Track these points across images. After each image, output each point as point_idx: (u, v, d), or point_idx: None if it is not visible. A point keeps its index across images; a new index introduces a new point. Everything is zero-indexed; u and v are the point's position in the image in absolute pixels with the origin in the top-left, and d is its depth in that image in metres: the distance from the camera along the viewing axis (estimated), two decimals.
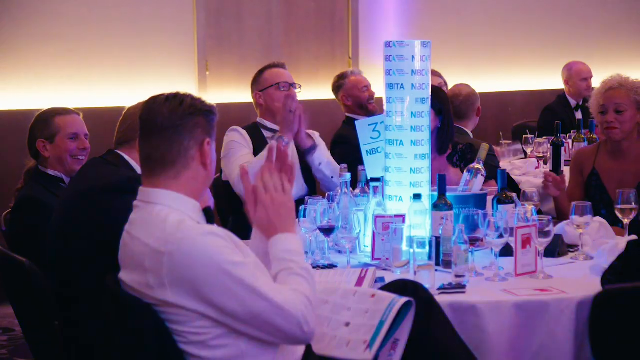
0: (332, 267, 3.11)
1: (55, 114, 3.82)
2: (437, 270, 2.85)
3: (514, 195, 3.28)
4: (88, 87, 6.37)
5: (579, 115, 6.83)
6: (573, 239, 3.29)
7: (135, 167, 3.18)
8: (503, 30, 8.13)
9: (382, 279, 2.86)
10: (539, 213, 3.15)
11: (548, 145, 5.35)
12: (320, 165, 4.24)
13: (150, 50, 6.58)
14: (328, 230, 3.11)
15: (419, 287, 2.60)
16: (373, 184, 3.28)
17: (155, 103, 2.34)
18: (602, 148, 4.02)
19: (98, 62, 6.40)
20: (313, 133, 4.38)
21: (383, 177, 3.35)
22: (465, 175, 3.45)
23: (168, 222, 2.23)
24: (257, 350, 2.24)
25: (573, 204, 3.23)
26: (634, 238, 3.02)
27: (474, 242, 2.93)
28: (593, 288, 2.67)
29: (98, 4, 6.40)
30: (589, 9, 8.52)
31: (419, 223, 3.09)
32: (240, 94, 6.67)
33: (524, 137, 5.97)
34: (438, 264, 2.97)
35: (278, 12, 7.09)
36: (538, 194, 3.48)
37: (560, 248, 3.22)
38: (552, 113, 6.74)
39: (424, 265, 2.78)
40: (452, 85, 5.51)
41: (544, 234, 2.93)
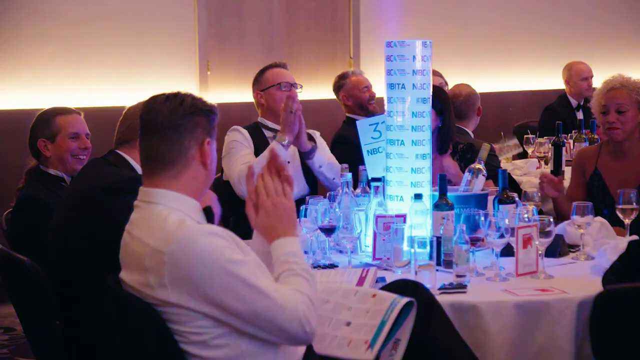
0: (333, 266, 3.11)
1: (57, 114, 3.82)
2: (438, 270, 2.85)
3: (515, 195, 3.28)
4: (89, 86, 6.37)
5: (580, 115, 6.83)
6: (574, 239, 3.29)
7: (136, 167, 3.18)
8: (504, 30, 8.12)
9: (383, 279, 2.86)
10: (540, 213, 3.14)
11: (549, 145, 5.35)
12: (321, 168, 4.23)
13: (151, 50, 6.58)
14: (329, 230, 3.11)
15: (420, 287, 2.60)
16: (374, 184, 3.28)
17: (156, 103, 2.34)
18: (604, 148, 4.02)
19: (99, 61, 6.40)
20: (314, 132, 4.38)
21: (384, 177, 3.35)
22: (467, 175, 3.45)
23: (168, 222, 2.22)
24: (257, 350, 2.24)
25: (574, 204, 3.23)
26: (635, 238, 3.03)
27: (475, 242, 2.92)
28: (594, 288, 2.66)
29: (98, 4, 6.39)
30: (590, 9, 8.51)
31: (420, 223, 3.09)
32: (241, 94, 6.67)
33: (525, 137, 5.97)
34: (439, 264, 2.97)
35: (279, 11, 7.09)
36: (539, 194, 3.48)
37: (561, 248, 3.22)
38: (553, 113, 6.73)
39: (425, 265, 2.78)
40: (452, 85, 5.51)
41: (545, 234, 2.93)
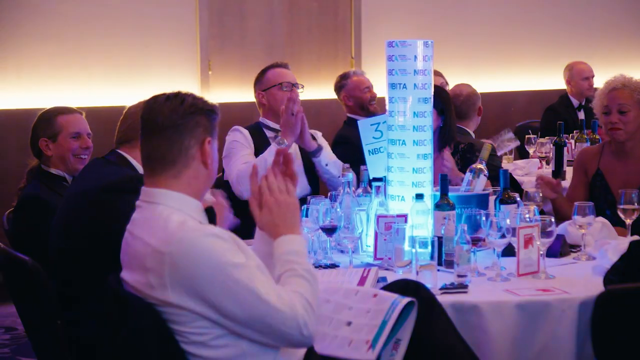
0: (334, 266, 3.11)
1: (58, 113, 3.82)
2: (439, 270, 2.85)
3: (517, 196, 3.28)
4: (90, 86, 6.37)
5: (582, 116, 6.82)
6: (575, 239, 3.28)
7: (137, 166, 3.18)
8: (505, 30, 8.12)
9: (384, 279, 2.86)
10: (541, 213, 3.14)
11: (550, 146, 5.34)
12: (327, 166, 4.26)
13: (153, 50, 6.58)
14: (330, 230, 3.11)
15: (421, 287, 2.60)
16: (375, 184, 3.28)
17: (156, 102, 2.34)
18: (606, 148, 4.01)
19: (100, 61, 6.40)
20: (315, 133, 4.39)
21: (385, 176, 3.35)
22: (468, 175, 3.45)
23: (170, 222, 2.22)
24: (258, 350, 2.24)
25: (576, 204, 3.22)
26: (637, 238, 3.03)
27: (476, 242, 2.92)
28: (595, 288, 2.66)
29: (100, 4, 6.40)
30: (591, 9, 8.50)
31: (421, 223, 3.09)
32: (243, 94, 6.67)
33: (527, 137, 5.97)
34: (440, 264, 2.97)
35: (281, 11, 7.09)
36: (540, 194, 3.48)
37: (563, 248, 3.22)
38: (554, 113, 6.73)
39: (426, 265, 2.78)
40: (453, 85, 5.50)
41: (546, 234, 2.93)
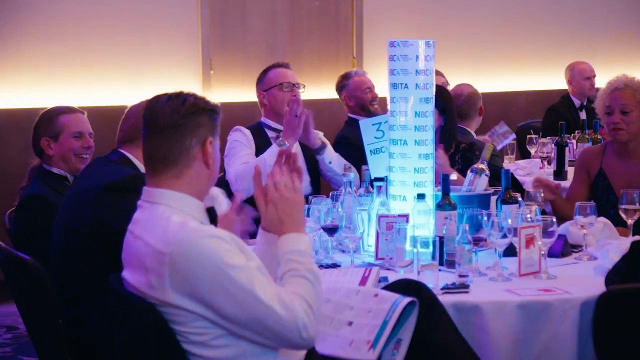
0: (335, 266, 3.10)
1: (60, 113, 3.83)
2: (440, 270, 2.85)
3: (518, 196, 3.27)
4: (91, 86, 6.37)
5: (583, 116, 6.82)
6: (577, 239, 3.28)
7: (139, 165, 3.18)
8: (506, 30, 8.11)
9: (385, 279, 2.86)
10: (543, 213, 3.14)
11: (552, 146, 5.34)
12: (331, 164, 4.30)
13: (154, 49, 6.58)
14: (332, 230, 3.11)
15: (422, 286, 2.60)
16: (377, 184, 3.28)
17: (158, 102, 2.33)
18: (608, 148, 4.01)
19: (102, 61, 6.41)
20: (317, 132, 4.39)
21: (387, 176, 3.35)
22: (469, 175, 3.45)
23: (171, 222, 2.22)
24: (259, 350, 2.23)
25: (577, 204, 3.22)
26: (639, 238, 3.02)
27: (478, 242, 2.92)
28: (597, 288, 2.66)
29: (101, 3, 6.40)
30: (593, 9, 8.50)
31: (423, 223, 3.09)
32: (244, 93, 6.67)
33: (528, 137, 5.97)
34: (441, 264, 2.97)
35: (282, 11, 7.09)
36: (542, 194, 3.48)
37: (564, 248, 3.21)
38: (556, 113, 6.73)
39: (428, 265, 2.78)
40: (454, 85, 5.49)
41: (548, 234, 2.93)
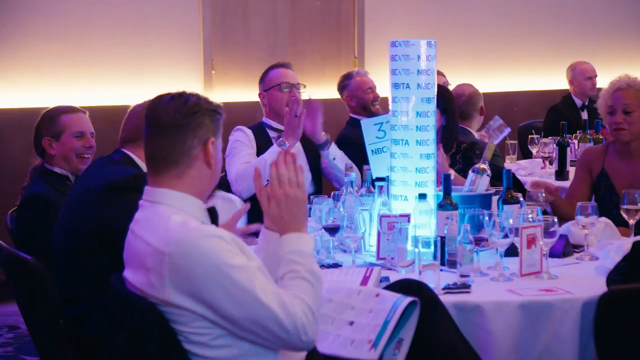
0: (337, 266, 3.11)
1: (62, 112, 3.83)
2: (442, 270, 2.85)
3: (520, 196, 3.27)
4: (93, 85, 6.37)
5: (585, 116, 6.82)
6: (578, 240, 3.28)
7: (142, 165, 3.18)
8: (508, 30, 8.11)
9: (386, 279, 2.86)
10: (544, 213, 3.14)
11: (554, 146, 5.34)
12: (335, 160, 4.30)
13: (156, 49, 6.58)
14: (333, 230, 3.11)
15: (424, 286, 2.60)
16: (378, 184, 3.28)
17: (161, 102, 2.34)
18: (610, 148, 4.00)
19: (103, 60, 6.41)
20: None
21: (388, 176, 3.35)
22: (471, 175, 3.45)
23: (171, 222, 2.22)
24: (259, 350, 2.23)
25: (579, 204, 3.22)
26: None
27: (479, 242, 2.92)
28: (598, 289, 2.66)
29: (103, 3, 6.40)
30: (595, 9, 8.50)
31: (424, 223, 3.09)
32: (246, 93, 6.67)
33: (530, 137, 5.97)
34: (443, 264, 2.97)
35: (284, 11, 7.09)
36: (543, 195, 3.48)
37: (566, 248, 3.21)
38: (557, 113, 6.73)
39: (429, 265, 2.78)
40: (455, 85, 5.49)
41: (549, 234, 2.93)
